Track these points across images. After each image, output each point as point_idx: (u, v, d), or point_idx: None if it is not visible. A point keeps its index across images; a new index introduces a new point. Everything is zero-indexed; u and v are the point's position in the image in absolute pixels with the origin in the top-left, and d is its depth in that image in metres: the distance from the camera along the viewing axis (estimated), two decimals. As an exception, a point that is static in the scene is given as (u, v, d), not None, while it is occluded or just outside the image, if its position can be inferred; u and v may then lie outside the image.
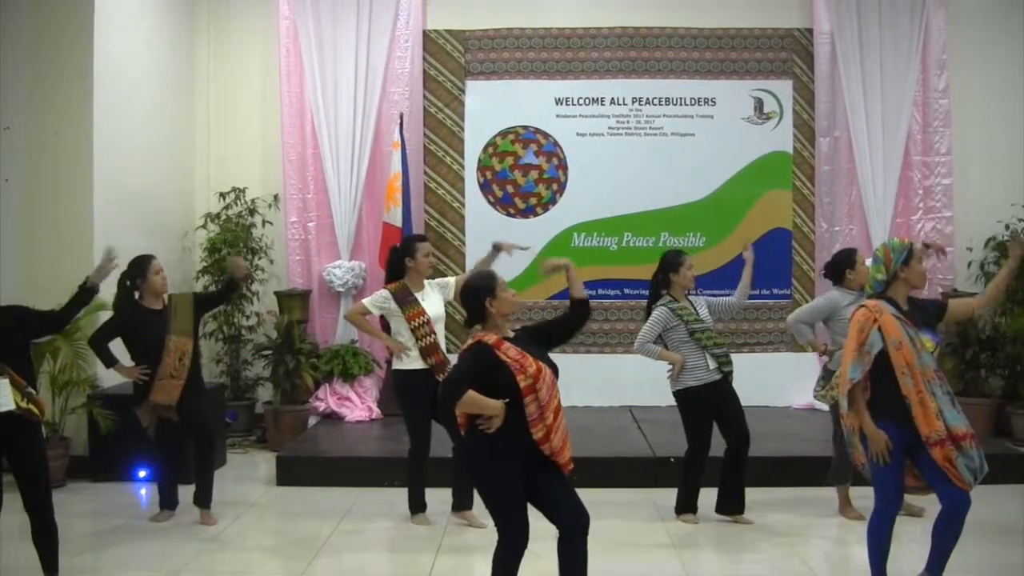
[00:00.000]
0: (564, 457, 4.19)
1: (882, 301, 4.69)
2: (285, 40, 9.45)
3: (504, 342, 4.20)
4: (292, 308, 9.22)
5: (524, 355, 4.16)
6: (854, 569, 5.66)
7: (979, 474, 4.53)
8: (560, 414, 4.19)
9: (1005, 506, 6.57)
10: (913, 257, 4.75)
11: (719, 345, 6.30)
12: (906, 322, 4.59)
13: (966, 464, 4.48)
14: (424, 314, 6.23)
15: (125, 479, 7.34)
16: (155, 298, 6.36)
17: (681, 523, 6.33)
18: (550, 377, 4.17)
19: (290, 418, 8.75)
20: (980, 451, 4.54)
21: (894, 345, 4.56)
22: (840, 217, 9.56)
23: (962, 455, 4.47)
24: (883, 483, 4.68)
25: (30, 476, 4.80)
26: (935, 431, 4.47)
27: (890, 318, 4.60)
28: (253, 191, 9.42)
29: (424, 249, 6.37)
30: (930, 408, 4.49)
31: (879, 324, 4.61)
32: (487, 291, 4.31)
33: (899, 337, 4.56)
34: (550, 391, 4.15)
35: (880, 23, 9.41)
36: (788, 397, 9.49)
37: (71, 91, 7.62)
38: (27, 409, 4.71)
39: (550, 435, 4.12)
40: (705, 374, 6.23)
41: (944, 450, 4.47)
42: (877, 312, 4.64)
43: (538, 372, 4.12)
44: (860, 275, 6.26)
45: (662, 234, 9.73)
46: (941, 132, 9.41)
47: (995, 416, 8.78)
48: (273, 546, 6.17)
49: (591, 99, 9.79)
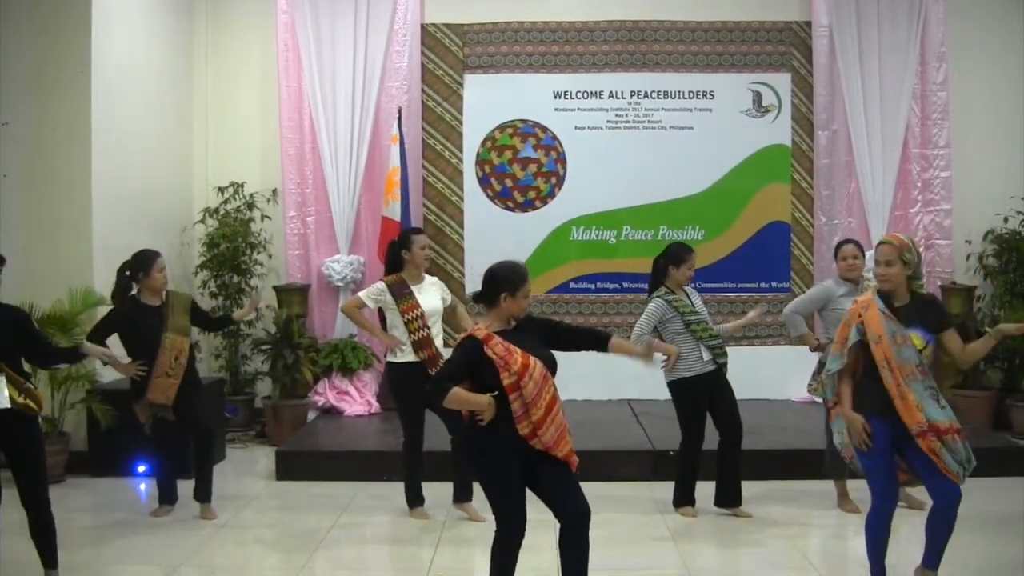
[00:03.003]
0: (560, 452, 4.17)
1: (876, 296, 4.70)
2: (283, 35, 9.43)
3: (494, 337, 4.17)
4: (291, 303, 9.22)
5: (510, 351, 4.12)
6: (852, 561, 5.67)
7: (967, 466, 4.53)
8: (554, 409, 4.16)
9: (1005, 499, 6.58)
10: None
11: (714, 337, 6.31)
12: (891, 317, 4.60)
13: (952, 456, 4.49)
14: (418, 307, 6.23)
15: (124, 474, 7.35)
16: (154, 295, 6.34)
17: (680, 516, 6.35)
18: (539, 373, 4.13)
19: (289, 413, 8.75)
20: (966, 445, 4.54)
21: (874, 340, 4.59)
22: (839, 210, 9.55)
23: (945, 447, 4.49)
24: (875, 479, 4.69)
25: (27, 471, 4.80)
26: (916, 422, 4.49)
27: (875, 313, 4.61)
28: (252, 186, 9.41)
29: (420, 242, 6.38)
30: (910, 400, 4.50)
31: (863, 319, 4.64)
32: (509, 288, 4.27)
33: (879, 332, 4.57)
34: (539, 386, 4.11)
35: (879, 16, 9.39)
36: (787, 390, 9.47)
37: (69, 86, 7.61)
38: (24, 404, 4.71)
39: (537, 431, 4.10)
40: (700, 365, 6.24)
41: (927, 441, 4.49)
42: (864, 307, 4.67)
43: (523, 369, 4.08)
44: (841, 267, 6.45)
45: (661, 227, 9.72)
46: (940, 125, 9.40)
47: (995, 409, 8.79)
48: (273, 540, 6.17)
49: (590, 92, 9.77)
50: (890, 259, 4.64)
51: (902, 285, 4.67)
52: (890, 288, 4.67)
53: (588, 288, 9.76)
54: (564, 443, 4.18)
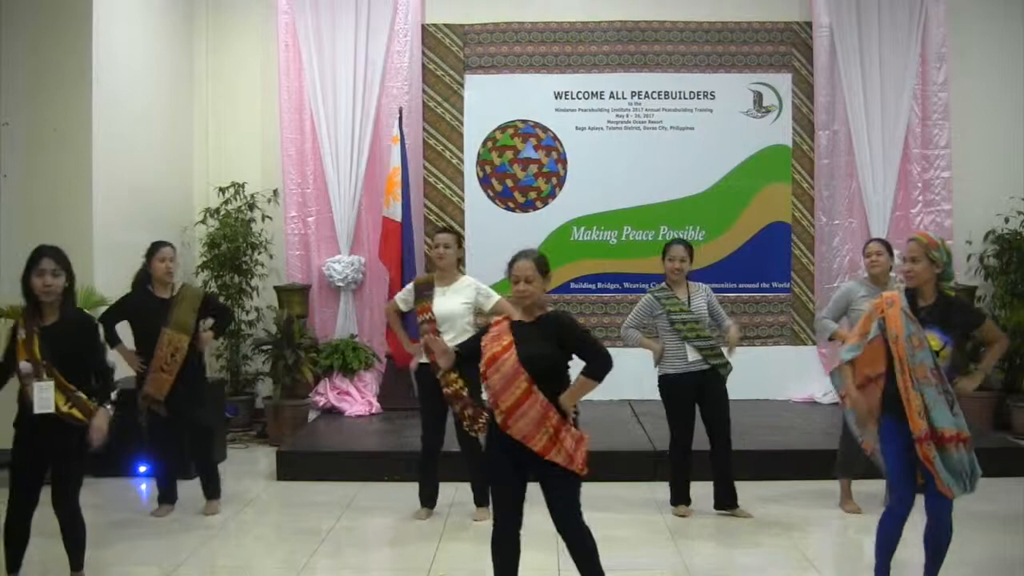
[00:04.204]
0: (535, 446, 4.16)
1: (901, 293, 4.69)
2: (284, 35, 9.44)
3: (503, 324, 4.35)
4: (292, 303, 9.22)
5: (493, 342, 4.28)
6: (853, 562, 5.68)
7: (968, 479, 4.49)
8: (525, 404, 4.15)
9: (1006, 499, 6.58)
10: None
11: (703, 338, 6.23)
12: (912, 318, 4.58)
13: (947, 467, 4.44)
14: (429, 311, 6.20)
15: (125, 474, 7.34)
16: (162, 286, 6.37)
17: (675, 516, 6.36)
18: (509, 367, 4.19)
19: (290, 413, 8.75)
20: (972, 456, 4.49)
21: (892, 338, 4.58)
22: (839, 210, 9.55)
23: (944, 456, 4.44)
24: (893, 480, 4.70)
25: (60, 477, 4.84)
26: (917, 428, 4.47)
27: (897, 312, 4.59)
28: (252, 186, 9.43)
29: (435, 240, 6.39)
30: (913, 405, 4.47)
31: (885, 315, 4.64)
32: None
33: (897, 332, 4.56)
34: (506, 380, 4.19)
35: (879, 16, 9.41)
36: (787, 391, 9.52)
37: (70, 86, 7.60)
38: (68, 413, 4.72)
39: (508, 420, 4.18)
40: (683, 364, 6.23)
41: (923, 448, 4.46)
42: (888, 304, 4.66)
43: (490, 361, 4.25)
44: (865, 263, 6.47)
45: (661, 227, 9.73)
46: (940, 125, 9.40)
47: (996, 409, 8.80)
48: (274, 540, 6.18)
49: (590, 93, 9.78)
50: (916, 255, 4.63)
51: (928, 284, 4.63)
52: (914, 285, 4.66)
53: (589, 288, 9.77)
54: (536, 439, 4.16)
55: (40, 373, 4.70)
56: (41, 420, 4.70)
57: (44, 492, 4.86)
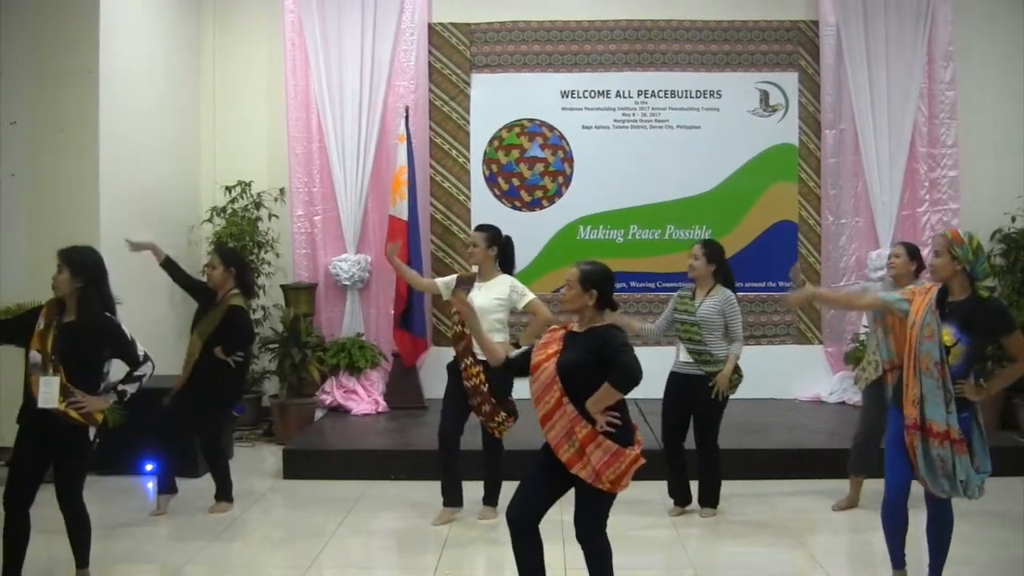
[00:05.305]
0: (562, 456, 4.19)
1: (936, 286, 4.72)
2: (290, 34, 9.45)
3: (556, 333, 4.43)
4: (298, 302, 9.23)
5: (541, 349, 4.35)
6: (858, 560, 5.68)
7: (951, 481, 4.48)
8: (554, 416, 4.20)
9: (1011, 497, 6.59)
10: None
11: (694, 342, 6.20)
12: (934, 311, 4.59)
13: (926, 460, 4.49)
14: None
15: (132, 473, 7.35)
16: (216, 289, 6.52)
17: (686, 515, 6.38)
18: (547, 376, 4.23)
19: (296, 411, 8.77)
20: (962, 459, 4.46)
21: (909, 323, 4.65)
22: (846, 209, 9.53)
23: (926, 449, 4.49)
24: (889, 470, 4.77)
25: (60, 475, 4.87)
26: (908, 415, 4.57)
27: (922, 300, 4.66)
28: (259, 185, 9.43)
29: (467, 240, 6.42)
30: (911, 393, 4.56)
31: (911, 300, 4.72)
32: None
33: (915, 318, 4.62)
34: (543, 388, 4.24)
35: (886, 15, 9.37)
36: (794, 389, 9.51)
37: (76, 85, 7.61)
38: (63, 412, 4.74)
39: (543, 427, 4.26)
40: (673, 363, 6.34)
41: (909, 435, 4.57)
42: (922, 292, 4.73)
43: (534, 368, 4.31)
44: (887, 266, 6.49)
45: (668, 227, 9.72)
46: (947, 124, 9.38)
47: (1002, 409, 8.76)
48: (280, 538, 6.19)
49: (597, 92, 9.77)
50: (938, 249, 4.65)
51: (954, 280, 4.61)
52: (936, 279, 4.71)
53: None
54: (564, 450, 4.19)
55: (47, 367, 4.74)
56: (44, 416, 4.74)
57: (48, 491, 4.87)
